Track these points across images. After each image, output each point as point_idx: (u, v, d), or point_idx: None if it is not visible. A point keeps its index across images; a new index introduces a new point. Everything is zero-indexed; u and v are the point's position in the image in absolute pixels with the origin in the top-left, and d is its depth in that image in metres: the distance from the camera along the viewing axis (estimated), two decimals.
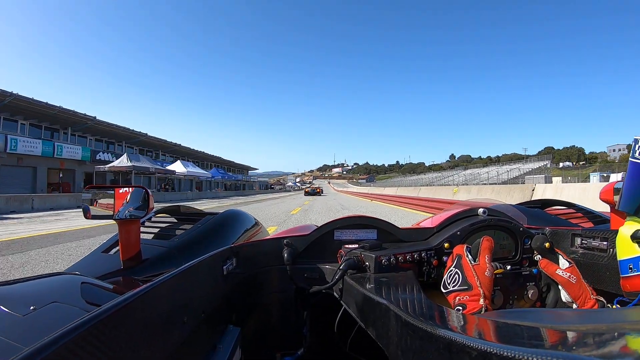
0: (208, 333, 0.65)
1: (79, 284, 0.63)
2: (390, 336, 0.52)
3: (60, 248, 5.00)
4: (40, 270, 3.57)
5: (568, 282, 0.74)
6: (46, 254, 4.50)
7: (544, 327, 0.37)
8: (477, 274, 0.65)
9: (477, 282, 0.64)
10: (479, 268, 0.66)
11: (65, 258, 4.24)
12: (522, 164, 46.37)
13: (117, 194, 0.87)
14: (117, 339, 0.37)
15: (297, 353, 0.90)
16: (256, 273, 0.87)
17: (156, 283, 0.47)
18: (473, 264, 0.67)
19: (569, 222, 1.42)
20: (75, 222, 8.77)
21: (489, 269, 0.67)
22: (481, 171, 47.72)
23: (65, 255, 4.45)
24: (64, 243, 5.44)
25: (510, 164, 52.84)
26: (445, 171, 70.66)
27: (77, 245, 5.26)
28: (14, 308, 0.47)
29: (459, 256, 0.70)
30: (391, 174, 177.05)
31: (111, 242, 1.03)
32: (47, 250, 4.84)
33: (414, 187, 27.49)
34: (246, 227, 1.33)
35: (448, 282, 0.68)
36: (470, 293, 0.63)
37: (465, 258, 0.68)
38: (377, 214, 6.90)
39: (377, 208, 15.36)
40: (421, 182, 48.36)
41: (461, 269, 0.67)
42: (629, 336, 0.31)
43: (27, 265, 3.86)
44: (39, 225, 8.23)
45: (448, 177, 49.88)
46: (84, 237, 6.03)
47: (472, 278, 0.64)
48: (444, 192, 17.60)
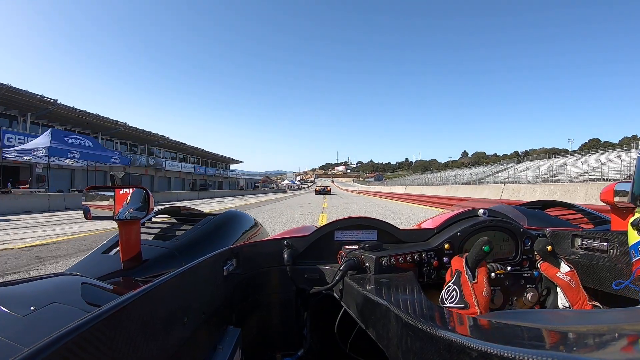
0: (208, 334, 0.65)
1: (79, 284, 0.63)
2: (391, 337, 0.52)
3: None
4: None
5: (568, 286, 0.74)
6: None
7: (544, 328, 0.37)
8: (475, 292, 0.65)
9: (474, 301, 0.64)
10: (477, 287, 0.67)
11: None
12: (597, 155, 31.18)
13: (118, 194, 0.88)
14: (117, 340, 0.37)
15: (297, 354, 0.89)
16: (256, 274, 0.87)
17: (156, 284, 0.47)
18: (472, 282, 0.67)
19: (569, 223, 1.42)
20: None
21: (486, 288, 0.67)
22: (553, 163, 32.57)
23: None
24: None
25: (560, 157, 39.04)
26: (478, 167, 54.50)
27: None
28: (14, 308, 0.48)
29: (458, 272, 0.70)
30: (400, 172, 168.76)
31: (111, 243, 1.03)
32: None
33: (446, 186, 24.37)
34: (246, 228, 1.33)
35: (446, 298, 0.68)
36: (466, 312, 0.63)
37: (465, 275, 0.68)
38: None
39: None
40: (451, 180, 36.66)
41: (459, 286, 0.67)
42: (629, 336, 0.31)
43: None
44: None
45: (493, 175, 37.23)
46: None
47: (470, 297, 0.65)
48: (493, 190, 15.28)
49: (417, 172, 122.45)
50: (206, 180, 39.90)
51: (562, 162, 31.23)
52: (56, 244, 5.03)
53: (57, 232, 6.35)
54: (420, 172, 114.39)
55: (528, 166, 33.81)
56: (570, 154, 43.60)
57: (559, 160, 35.30)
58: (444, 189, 23.33)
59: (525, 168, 31.67)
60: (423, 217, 10.32)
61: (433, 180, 41.27)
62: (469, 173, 40.95)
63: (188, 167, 34.88)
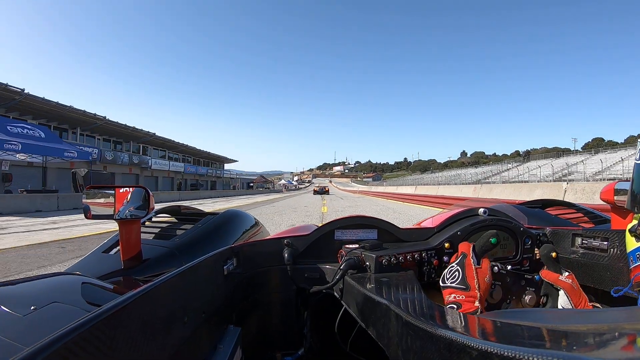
0: (209, 333, 0.65)
1: (79, 284, 0.63)
2: (391, 336, 0.52)
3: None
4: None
5: (571, 288, 0.74)
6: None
7: (545, 327, 0.37)
8: (478, 276, 0.65)
9: (475, 284, 0.64)
10: (481, 271, 0.66)
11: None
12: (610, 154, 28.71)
13: (118, 193, 0.88)
14: (117, 339, 0.37)
15: (297, 353, 0.90)
16: (256, 273, 0.87)
17: (157, 283, 0.47)
18: (476, 267, 0.67)
19: (569, 222, 1.42)
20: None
21: (489, 275, 0.67)
22: (568, 161, 30.11)
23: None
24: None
25: (569, 156, 35.72)
26: (484, 166, 51.14)
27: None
28: (14, 308, 0.48)
29: (463, 254, 0.70)
30: (399, 172, 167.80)
31: (112, 242, 1.03)
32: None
33: (473, 186, 20.33)
34: (246, 227, 1.33)
35: (447, 277, 0.68)
36: (467, 293, 0.63)
37: (470, 258, 0.68)
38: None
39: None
40: (454, 179, 34.94)
41: (463, 267, 0.67)
42: (630, 336, 0.31)
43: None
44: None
45: (507, 171, 33.47)
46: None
47: (472, 280, 0.65)
48: (524, 190, 12.19)
49: (416, 172, 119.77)
50: (198, 180, 36.89)
51: (573, 161, 29.87)
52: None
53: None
54: (419, 172, 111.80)
55: (539, 164, 30.98)
56: (574, 153, 40.94)
57: (570, 159, 32.64)
58: (470, 188, 18.81)
59: (536, 166, 28.69)
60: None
61: (437, 180, 38.32)
62: (474, 172, 38.59)
63: (177, 165, 32.42)
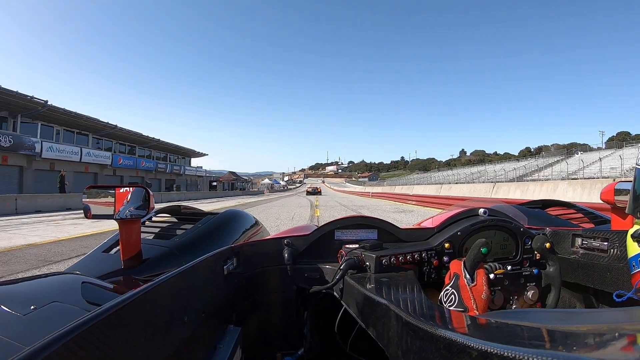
0: (209, 333, 0.65)
1: (79, 283, 0.63)
2: (391, 336, 0.52)
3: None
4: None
5: (464, 286, 0.69)
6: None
7: (544, 328, 0.37)
8: (474, 296, 0.65)
9: (473, 305, 0.64)
10: (476, 290, 0.66)
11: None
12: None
13: (118, 193, 0.88)
14: (117, 339, 0.37)
15: (297, 353, 0.90)
16: (256, 273, 0.87)
17: (157, 283, 0.47)
18: (470, 285, 0.66)
19: (569, 222, 1.42)
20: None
21: (485, 291, 0.66)
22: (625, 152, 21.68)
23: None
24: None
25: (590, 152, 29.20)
26: (520, 161, 39.29)
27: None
28: (14, 307, 0.48)
29: (456, 275, 0.69)
30: (396, 171, 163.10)
31: (112, 242, 1.03)
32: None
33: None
34: (246, 227, 1.33)
35: (444, 301, 0.68)
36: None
37: (463, 279, 0.68)
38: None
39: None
40: (484, 176, 30.16)
41: (458, 289, 0.67)
42: (630, 336, 0.31)
43: None
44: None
45: (557, 164, 26.79)
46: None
47: (469, 300, 0.65)
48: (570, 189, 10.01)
49: (415, 170, 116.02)
50: (143, 178, 26.02)
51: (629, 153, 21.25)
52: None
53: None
54: (418, 171, 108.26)
55: (600, 155, 24.10)
56: (595, 149, 32.19)
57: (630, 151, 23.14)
58: (518, 188, 14.06)
59: (596, 158, 22.99)
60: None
61: (454, 178, 33.32)
62: (509, 167, 31.22)
63: (101, 155, 20.81)
